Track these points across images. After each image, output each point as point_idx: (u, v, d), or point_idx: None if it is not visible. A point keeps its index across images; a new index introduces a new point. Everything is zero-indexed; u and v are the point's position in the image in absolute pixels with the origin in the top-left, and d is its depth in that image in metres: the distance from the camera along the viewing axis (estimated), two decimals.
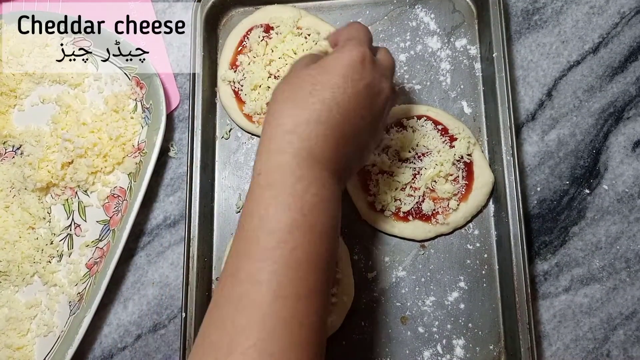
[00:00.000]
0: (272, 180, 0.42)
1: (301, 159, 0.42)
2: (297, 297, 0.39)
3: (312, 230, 0.41)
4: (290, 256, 0.40)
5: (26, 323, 0.67)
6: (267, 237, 0.40)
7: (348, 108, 0.45)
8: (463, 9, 0.71)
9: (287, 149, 0.43)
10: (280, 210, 0.41)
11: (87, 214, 0.70)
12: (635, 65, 0.68)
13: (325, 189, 0.43)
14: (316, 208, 0.42)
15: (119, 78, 0.72)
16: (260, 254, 0.40)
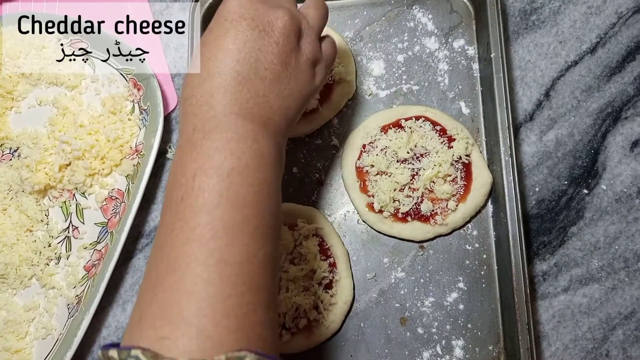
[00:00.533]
0: (181, 141, 0.44)
1: (201, 114, 0.43)
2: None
3: (217, 173, 0.41)
4: (197, 201, 0.40)
5: (24, 326, 0.67)
6: (176, 190, 0.41)
7: (234, 50, 0.44)
8: (461, 9, 0.71)
9: (189, 111, 0.44)
10: (185, 163, 0.42)
11: (85, 216, 0.70)
12: (633, 65, 0.68)
13: (232, 132, 0.43)
14: (219, 150, 0.41)
15: (116, 80, 0.72)
16: (172, 207, 0.41)
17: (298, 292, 0.62)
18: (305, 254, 0.63)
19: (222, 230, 0.39)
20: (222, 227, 0.39)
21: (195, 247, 0.39)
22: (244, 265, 0.39)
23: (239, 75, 0.44)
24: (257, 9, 0.46)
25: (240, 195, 0.41)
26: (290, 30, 0.47)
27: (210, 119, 0.43)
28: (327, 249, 0.64)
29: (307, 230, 0.64)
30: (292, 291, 0.62)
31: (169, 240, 0.40)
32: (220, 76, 0.44)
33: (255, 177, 0.42)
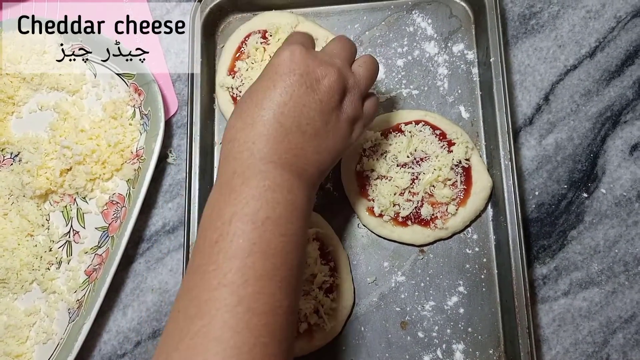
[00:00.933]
0: (220, 183, 0.46)
1: (242, 159, 0.45)
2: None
3: (253, 219, 0.42)
4: (231, 247, 0.41)
5: (25, 330, 0.67)
6: (211, 232, 0.42)
7: (281, 102, 0.46)
8: (460, 14, 0.71)
9: (230, 154, 0.46)
10: (222, 206, 0.43)
11: (85, 221, 0.70)
12: (632, 69, 0.68)
13: (269, 180, 0.44)
14: (256, 198, 0.43)
15: (117, 85, 0.72)
16: (206, 249, 0.42)
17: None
18: (305, 258, 0.63)
19: (253, 279, 0.40)
20: (253, 275, 0.40)
21: (225, 293, 0.39)
22: (269, 316, 0.40)
23: (282, 126, 0.46)
24: (307, 65, 0.47)
25: (271, 244, 0.42)
26: (335, 90, 0.49)
27: (250, 166, 0.44)
28: (328, 253, 0.64)
29: (307, 234, 0.64)
30: None
31: (199, 283, 0.41)
32: (264, 125, 0.45)
33: (287, 227, 0.44)
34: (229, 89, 0.70)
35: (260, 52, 0.69)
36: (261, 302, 0.40)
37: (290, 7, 0.73)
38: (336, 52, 0.52)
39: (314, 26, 0.71)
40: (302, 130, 0.47)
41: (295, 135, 0.46)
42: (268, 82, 0.47)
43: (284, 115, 0.46)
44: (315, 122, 0.47)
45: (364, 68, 0.54)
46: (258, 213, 0.42)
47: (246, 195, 0.43)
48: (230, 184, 0.44)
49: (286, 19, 0.71)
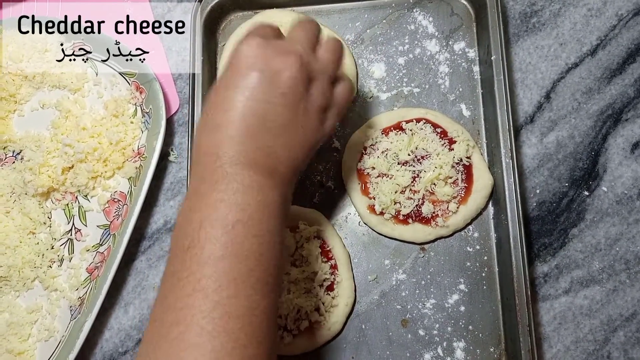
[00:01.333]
0: (189, 191, 0.46)
1: (209, 164, 0.44)
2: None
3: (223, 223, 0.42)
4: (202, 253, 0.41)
5: (27, 328, 0.67)
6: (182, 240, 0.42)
7: (242, 101, 0.45)
8: (461, 12, 0.71)
9: (199, 160, 0.46)
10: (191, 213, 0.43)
11: (87, 219, 0.70)
12: (634, 67, 0.68)
13: (237, 183, 0.43)
14: (225, 202, 0.42)
15: (119, 83, 0.73)
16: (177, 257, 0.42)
17: (299, 294, 0.62)
18: (306, 256, 0.63)
19: (226, 283, 0.40)
20: (227, 279, 0.40)
21: (200, 299, 0.39)
22: (246, 318, 0.40)
23: (247, 126, 0.45)
24: (265, 58, 0.46)
25: (244, 246, 0.42)
26: (298, 80, 0.47)
27: (216, 170, 0.44)
28: (329, 251, 0.64)
29: (308, 232, 0.64)
30: (293, 293, 0.62)
31: (174, 290, 0.41)
32: (228, 127, 0.45)
33: (259, 228, 0.43)
34: None
35: None
36: (237, 306, 0.40)
37: (291, 5, 0.73)
38: (297, 39, 0.49)
39: None
40: (267, 127, 0.45)
41: (262, 133, 0.45)
42: (228, 81, 0.46)
43: (247, 115, 0.45)
44: (281, 117, 0.46)
45: (327, 52, 0.51)
46: (228, 216, 0.42)
47: (215, 199, 0.42)
48: (199, 190, 0.44)
49: (287, 17, 0.71)
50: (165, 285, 0.42)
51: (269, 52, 0.46)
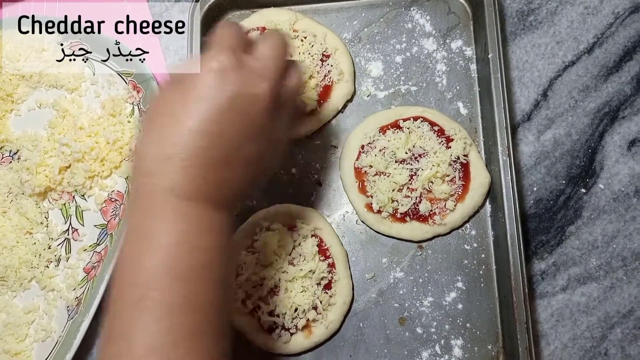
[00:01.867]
0: (135, 225, 0.41)
1: (162, 199, 0.40)
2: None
3: (175, 272, 0.39)
4: (157, 305, 0.38)
5: (24, 328, 0.67)
6: (131, 289, 0.39)
7: (211, 132, 0.40)
8: (458, 10, 0.71)
9: (147, 190, 0.40)
10: (142, 257, 0.39)
11: (84, 218, 0.70)
12: (630, 64, 0.69)
13: (192, 224, 0.40)
14: (178, 247, 0.39)
15: (116, 82, 0.72)
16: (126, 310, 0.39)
17: (297, 292, 0.62)
18: (304, 254, 0.63)
19: (183, 339, 0.38)
20: (183, 335, 0.38)
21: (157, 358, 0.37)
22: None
23: (209, 161, 0.40)
24: (240, 85, 0.41)
25: (200, 295, 0.39)
26: (268, 110, 0.43)
27: (170, 208, 0.40)
28: (326, 249, 0.64)
29: (306, 231, 0.64)
30: (291, 292, 0.62)
31: (126, 351, 0.37)
32: (188, 159, 0.40)
33: (212, 271, 0.40)
34: None
35: None
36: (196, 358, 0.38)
37: (289, 4, 0.73)
38: (270, 62, 0.44)
39: (312, 23, 0.71)
40: (229, 161, 0.42)
41: (223, 168, 0.41)
42: (195, 104, 0.40)
43: (212, 147, 0.40)
44: (247, 150, 0.42)
45: (294, 78, 0.47)
46: (183, 264, 0.38)
47: (168, 243, 0.39)
48: (149, 229, 0.39)
49: (284, 15, 0.71)
50: (113, 345, 0.38)
51: (243, 77, 0.41)
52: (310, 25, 0.71)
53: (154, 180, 0.40)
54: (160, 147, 0.40)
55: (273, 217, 0.66)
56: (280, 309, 0.62)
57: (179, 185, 0.40)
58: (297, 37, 0.70)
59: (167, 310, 0.38)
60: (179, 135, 0.40)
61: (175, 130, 0.40)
